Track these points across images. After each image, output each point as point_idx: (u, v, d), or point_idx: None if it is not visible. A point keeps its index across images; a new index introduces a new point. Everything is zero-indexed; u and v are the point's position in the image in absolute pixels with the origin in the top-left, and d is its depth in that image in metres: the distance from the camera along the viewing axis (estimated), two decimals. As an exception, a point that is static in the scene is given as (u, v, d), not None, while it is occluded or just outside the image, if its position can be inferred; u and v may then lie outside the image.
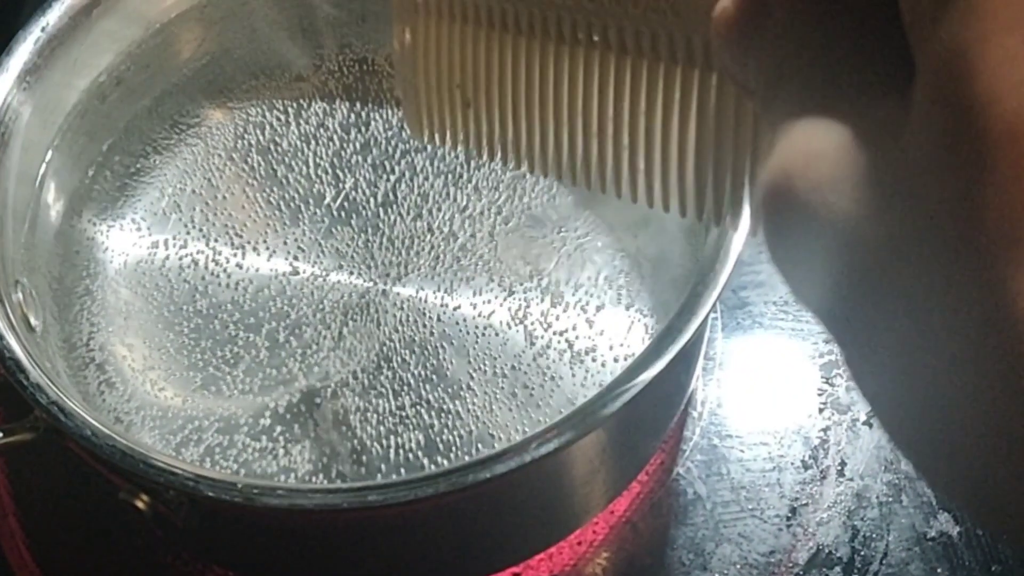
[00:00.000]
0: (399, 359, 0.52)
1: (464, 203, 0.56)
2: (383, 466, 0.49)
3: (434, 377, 0.51)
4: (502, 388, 0.51)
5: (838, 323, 0.22)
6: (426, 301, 0.54)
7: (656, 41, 0.30)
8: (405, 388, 0.51)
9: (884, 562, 0.55)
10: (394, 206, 0.57)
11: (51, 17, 0.54)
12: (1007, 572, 0.54)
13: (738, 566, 0.55)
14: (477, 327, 0.53)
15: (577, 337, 0.52)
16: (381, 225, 0.56)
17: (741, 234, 0.46)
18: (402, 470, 0.49)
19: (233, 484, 0.42)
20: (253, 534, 0.49)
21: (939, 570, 0.54)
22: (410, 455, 0.50)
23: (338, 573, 0.51)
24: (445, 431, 0.50)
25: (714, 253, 0.46)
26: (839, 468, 0.57)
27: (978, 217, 0.18)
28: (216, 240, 0.56)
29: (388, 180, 0.57)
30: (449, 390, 0.51)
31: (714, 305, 0.45)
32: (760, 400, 0.60)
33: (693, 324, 0.44)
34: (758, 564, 0.55)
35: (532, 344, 0.52)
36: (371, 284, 0.54)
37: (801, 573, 0.54)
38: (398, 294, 0.54)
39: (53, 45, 0.54)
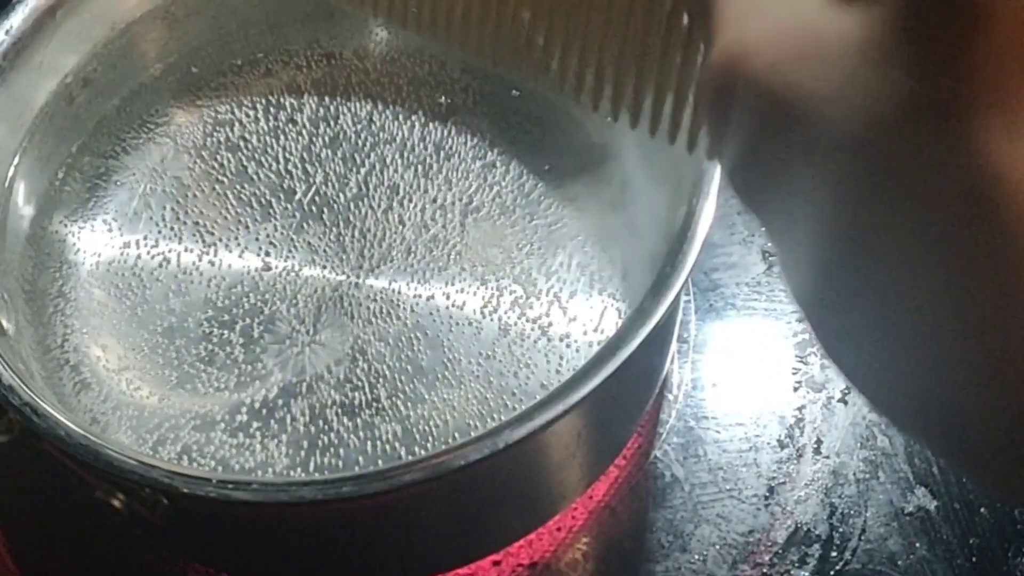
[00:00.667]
0: (374, 351, 0.52)
1: (435, 194, 0.56)
2: (361, 458, 0.49)
3: (409, 368, 0.51)
4: (477, 377, 0.51)
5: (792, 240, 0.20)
6: (399, 293, 0.54)
7: None
8: (380, 380, 0.51)
9: (862, 538, 0.55)
10: (365, 199, 0.57)
11: (15, 20, 0.54)
12: (985, 545, 0.55)
13: (717, 547, 0.55)
14: (451, 317, 0.53)
15: (551, 324, 0.52)
16: (352, 218, 0.56)
17: (709, 214, 0.46)
18: (380, 462, 0.49)
19: (208, 480, 0.42)
20: (231, 530, 0.49)
21: (917, 544, 0.55)
22: (387, 447, 0.50)
23: (316, 566, 0.51)
24: (421, 422, 0.50)
25: (683, 234, 0.46)
26: (815, 446, 0.58)
27: (967, 78, 0.16)
28: (188, 238, 0.56)
29: (358, 173, 0.57)
30: (424, 380, 0.51)
31: (684, 286, 0.45)
32: (735, 381, 0.60)
33: (663, 305, 0.44)
34: (737, 544, 0.55)
35: (506, 332, 0.52)
36: (344, 277, 0.54)
37: (780, 551, 0.55)
38: (371, 286, 0.54)
39: (18, 47, 0.54)
